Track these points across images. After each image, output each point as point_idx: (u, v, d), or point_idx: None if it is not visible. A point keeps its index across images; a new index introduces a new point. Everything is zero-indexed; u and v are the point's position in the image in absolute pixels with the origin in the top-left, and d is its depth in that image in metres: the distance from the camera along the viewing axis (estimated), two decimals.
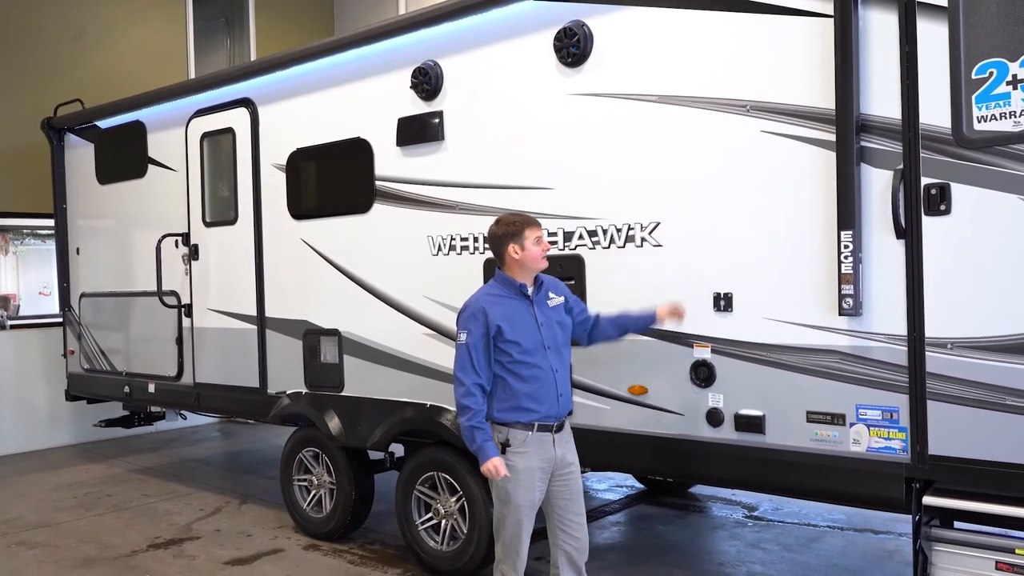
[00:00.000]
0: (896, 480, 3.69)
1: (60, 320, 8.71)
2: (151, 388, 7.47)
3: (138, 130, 7.51)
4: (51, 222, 8.76)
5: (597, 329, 4.20)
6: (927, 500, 3.57)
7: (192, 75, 10.96)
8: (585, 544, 4.03)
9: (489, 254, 4.99)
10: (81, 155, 8.29)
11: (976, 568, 3.47)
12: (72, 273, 8.54)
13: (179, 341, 7.10)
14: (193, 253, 6.95)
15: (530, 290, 3.99)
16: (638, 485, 7.31)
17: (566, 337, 4.05)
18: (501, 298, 3.95)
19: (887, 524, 6.00)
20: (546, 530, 4.10)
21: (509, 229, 3.97)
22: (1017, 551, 3.39)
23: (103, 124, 7.99)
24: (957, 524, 3.62)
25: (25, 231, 10.22)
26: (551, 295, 4.06)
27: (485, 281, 4.96)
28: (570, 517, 4.01)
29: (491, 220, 4.97)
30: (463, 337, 3.90)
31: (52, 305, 9.28)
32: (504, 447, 3.89)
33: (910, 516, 3.66)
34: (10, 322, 9.72)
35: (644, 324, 4.22)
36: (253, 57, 11.54)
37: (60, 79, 9.79)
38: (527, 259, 3.95)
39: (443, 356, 5.13)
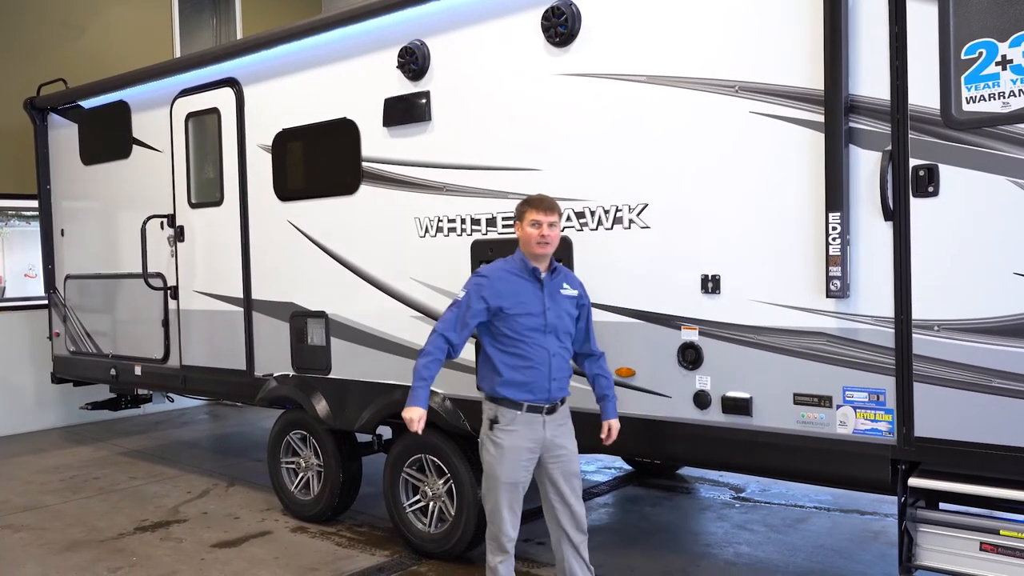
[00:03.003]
0: (882, 462, 3.70)
1: (45, 302, 8.65)
2: (137, 371, 7.43)
3: (122, 110, 7.43)
4: (35, 203, 8.68)
5: (584, 362, 4.22)
6: (913, 482, 3.58)
7: (177, 54, 10.84)
8: (583, 525, 4.04)
9: (477, 236, 4.97)
10: (65, 135, 8.20)
11: (961, 549, 3.49)
12: (57, 255, 8.47)
13: (165, 323, 7.06)
14: (179, 235, 6.89)
15: (543, 275, 3.99)
16: (626, 467, 7.34)
17: (570, 327, 4.05)
18: (511, 275, 3.98)
19: (873, 505, 6.04)
20: (541, 511, 4.12)
21: (518, 208, 4.05)
22: (1002, 532, 3.41)
23: (87, 104, 7.89)
24: (942, 505, 3.65)
25: (10, 212, 10.13)
26: (566, 286, 4.06)
27: (472, 264, 4.95)
28: (565, 500, 4.00)
29: (478, 201, 4.98)
30: (460, 295, 3.98)
31: (38, 287, 9.21)
32: (492, 423, 3.93)
33: (896, 497, 3.68)
34: None
35: (600, 404, 4.19)
36: (239, 36, 11.42)
37: (43, 58, 9.68)
38: (522, 239, 4.00)
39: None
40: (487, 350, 4.00)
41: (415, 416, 3.87)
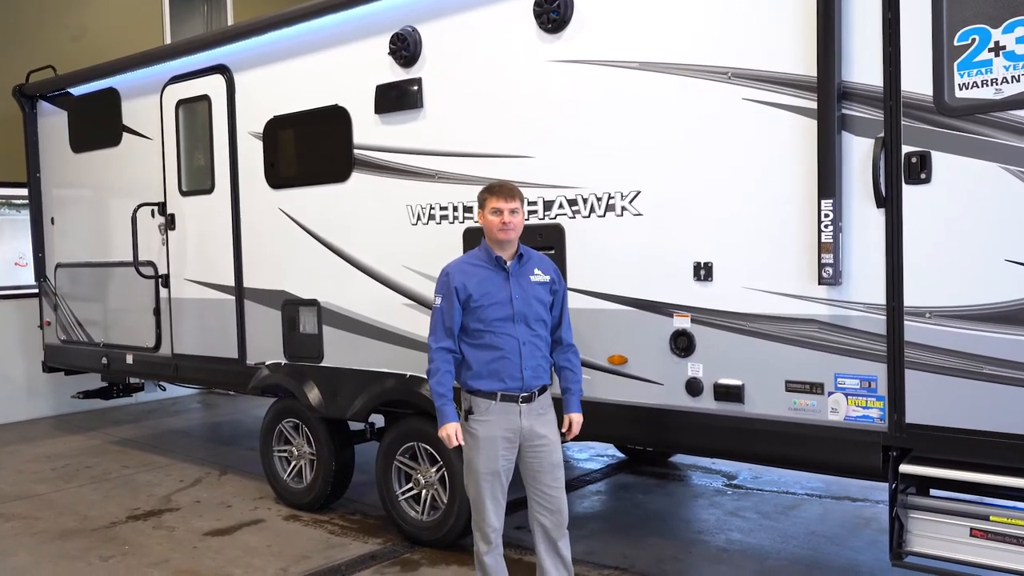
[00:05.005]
0: (873, 448, 3.71)
1: (36, 291, 8.61)
2: (129, 359, 7.40)
3: (112, 97, 7.37)
4: (25, 191, 8.63)
5: (554, 351, 4.09)
6: (904, 468, 3.59)
7: (168, 41, 10.76)
8: (562, 518, 3.96)
9: (469, 223, 4.95)
10: (54, 123, 8.14)
11: (951, 535, 3.51)
12: (47, 243, 8.43)
13: (156, 312, 7.03)
14: (170, 223, 6.86)
15: (508, 263, 3.92)
16: (619, 455, 7.35)
17: (543, 314, 3.97)
18: (476, 266, 3.94)
19: (864, 492, 6.06)
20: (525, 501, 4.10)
21: (480, 196, 3.99)
22: (992, 518, 3.42)
23: (76, 91, 7.84)
24: (933, 492, 3.66)
25: None
26: (537, 271, 3.97)
27: (465, 251, 4.93)
28: (544, 490, 3.94)
29: (471, 188, 4.96)
30: (438, 301, 3.93)
31: (28, 276, 9.16)
32: (467, 414, 3.92)
33: (887, 484, 3.69)
34: None
35: (564, 397, 4.10)
36: (230, 22, 11.34)
37: (32, 45, 9.59)
38: (485, 227, 3.95)
39: (423, 326, 5.06)
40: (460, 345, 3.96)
41: (451, 432, 3.84)
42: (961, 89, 3.41)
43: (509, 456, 3.93)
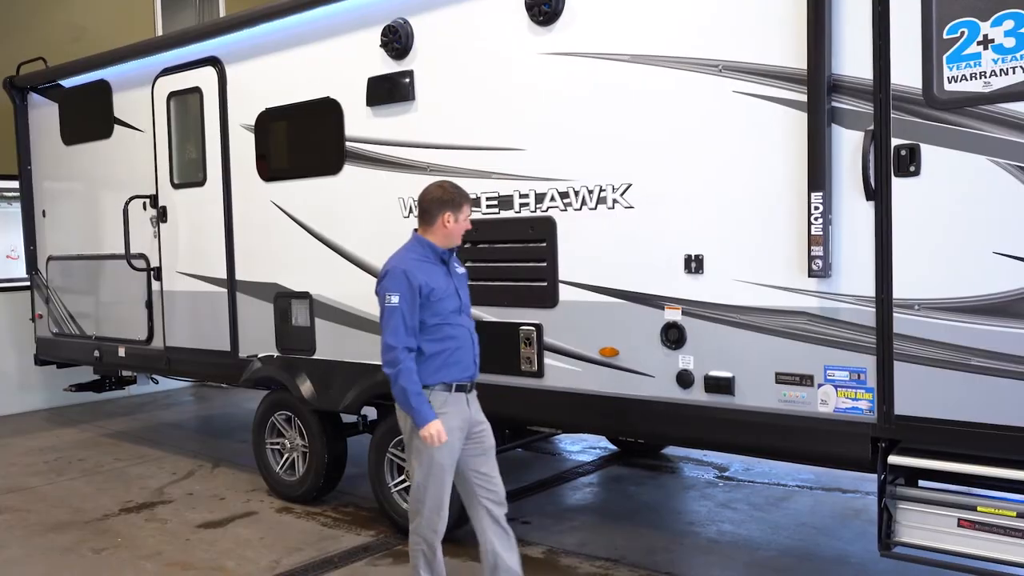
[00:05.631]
0: (863, 440, 3.73)
1: (28, 284, 8.59)
2: (121, 352, 7.39)
3: (103, 89, 7.34)
4: (16, 184, 8.60)
5: None
6: (892, 459, 3.61)
7: (159, 33, 10.72)
8: (502, 497, 4.06)
9: None
10: (45, 115, 8.10)
11: (939, 525, 3.53)
12: (39, 236, 8.40)
13: (149, 305, 7.02)
14: (161, 215, 6.84)
15: (449, 259, 4.03)
16: (610, 447, 7.37)
17: (470, 304, 4.13)
18: (422, 262, 3.93)
19: (854, 483, 6.09)
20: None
21: (452, 198, 3.95)
22: (979, 508, 3.45)
23: (67, 83, 7.80)
24: (921, 483, 3.68)
25: None
26: (457, 265, 4.12)
27: (461, 244, 4.93)
28: (487, 474, 4.03)
29: (462, 181, 4.95)
30: (394, 300, 3.82)
31: (20, 269, 9.13)
32: None
33: (876, 475, 3.71)
34: None
35: None
36: (222, 14, 11.30)
37: (22, 37, 9.55)
38: (455, 231, 3.98)
39: None
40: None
41: (436, 429, 3.79)
42: (950, 82, 3.42)
43: (460, 446, 3.97)
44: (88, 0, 10.33)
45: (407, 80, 5.14)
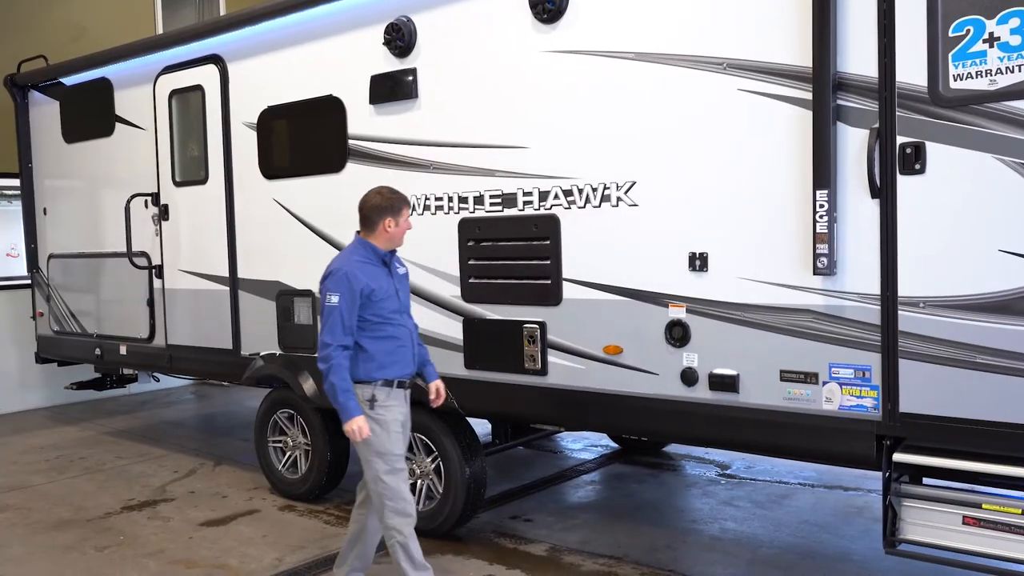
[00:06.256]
0: (867, 437, 3.73)
1: (29, 282, 8.58)
2: (123, 350, 7.39)
3: (104, 87, 7.34)
4: (17, 182, 8.59)
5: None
6: (897, 457, 3.62)
7: (160, 30, 10.71)
8: None
9: (464, 214, 4.95)
10: (46, 113, 8.09)
11: (944, 523, 3.54)
12: (40, 234, 8.39)
13: (150, 303, 7.02)
14: (163, 213, 6.84)
15: (390, 261, 4.19)
16: (612, 444, 7.37)
17: (409, 303, 4.31)
18: (364, 264, 4.10)
19: (857, 481, 6.10)
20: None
21: (391, 203, 4.14)
22: (984, 506, 3.45)
23: (68, 81, 7.79)
24: (926, 480, 3.69)
25: None
26: (399, 266, 4.28)
27: (460, 242, 4.94)
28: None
29: (465, 179, 4.95)
30: (334, 300, 4.01)
31: (20, 267, 9.13)
32: (372, 403, 4.06)
33: (880, 473, 3.72)
34: None
35: (424, 371, 4.38)
36: (223, 12, 11.28)
37: (23, 34, 9.53)
38: (397, 235, 4.16)
39: (416, 316, 5.09)
40: (358, 340, 4.06)
41: (359, 424, 3.97)
42: (956, 80, 3.42)
43: (408, 436, 4.26)
44: None
45: (410, 78, 5.14)
